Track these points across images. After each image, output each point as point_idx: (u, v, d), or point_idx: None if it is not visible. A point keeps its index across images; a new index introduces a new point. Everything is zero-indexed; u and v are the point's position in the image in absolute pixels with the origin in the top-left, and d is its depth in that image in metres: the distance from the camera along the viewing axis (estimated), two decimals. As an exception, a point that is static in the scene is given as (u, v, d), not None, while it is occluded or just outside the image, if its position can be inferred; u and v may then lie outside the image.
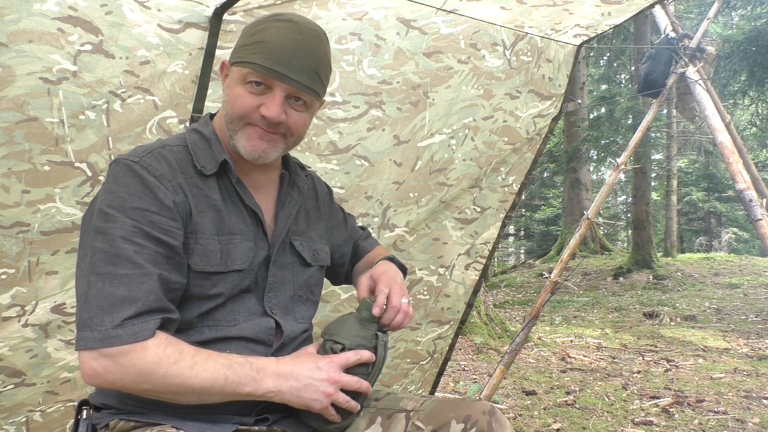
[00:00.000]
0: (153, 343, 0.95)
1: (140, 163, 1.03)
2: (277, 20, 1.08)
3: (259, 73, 1.06)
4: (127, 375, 0.94)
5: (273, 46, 1.05)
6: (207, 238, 1.07)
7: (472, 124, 2.32)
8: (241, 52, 1.09)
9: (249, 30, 1.11)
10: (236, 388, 0.98)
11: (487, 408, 1.08)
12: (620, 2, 2.03)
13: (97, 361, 0.94)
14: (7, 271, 1.58)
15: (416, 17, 1.96)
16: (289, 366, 1.04)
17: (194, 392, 0.97)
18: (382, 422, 1.13)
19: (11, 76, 1.40)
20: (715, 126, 2.73)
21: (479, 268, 2.70)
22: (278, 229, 1.18)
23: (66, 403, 1.84)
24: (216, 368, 0.97)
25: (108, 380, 0.95)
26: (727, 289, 9.31)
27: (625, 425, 3.43)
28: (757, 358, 5.24)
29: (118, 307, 0.94)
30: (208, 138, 1.13)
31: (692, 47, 2.90)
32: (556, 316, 8.21)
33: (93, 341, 0.93)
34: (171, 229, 1.02)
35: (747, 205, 2.51)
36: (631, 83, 14.88)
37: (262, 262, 1.15)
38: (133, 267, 0.96)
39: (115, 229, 0.97)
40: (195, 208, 1.06)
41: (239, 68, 1.08)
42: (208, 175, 1.10)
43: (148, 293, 0.96)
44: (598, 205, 3.19)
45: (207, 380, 0.96)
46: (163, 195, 1.02)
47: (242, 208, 1.13)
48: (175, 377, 0.95)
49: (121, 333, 0.93)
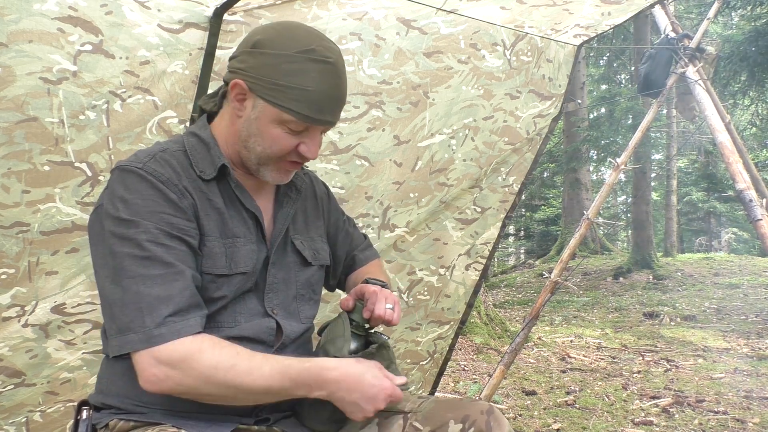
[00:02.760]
0: (207, 346, 0.96)
1: (145, 169, 1.03)
2: (314, 61, 1.03)
3: (303, 122, 1.06)
4: (187, 379, 0.95)
5: (317, 96, 1.04)
6: (213, 240, 1.07)
7: (473, 124, 2.32)
8: (277, 95, 1.03)
9: (281, 66, 1.02)
10: (291, 392, 1.00)
11: (485, 408, 1.08)
12: (620, 2, 2.03)
13: (158, 368, 0.94)
14: (7, 271, 1.58)
15: (416, 17, 1.96)
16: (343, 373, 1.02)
17: (251, 396, 0.99)
18: (379, 422, 1.13)
19: (11, 76, 1.39)
20: (715, 126, 2.73)
21: (479, 268, 2.70)
22: (276, 230, 1.19)
23: (66, 404, 1.84)
24: (272, 374, 0.98)
25: (168, 386, 0.95)
26: (727, 289, 9.31)
27: (625, 425, 3.43)
28: (757, 358, 5.24)
29: (157, 307, 0.95)
30: (207, 142, 1.13)
31: (692, 47, 2.90)
32: (556, 316, 8.21)
33: (138, 343, 0.94)
34: (189, 230, 1.03)
35: (747, 205, 2.51)
36: (631, 83, 14.87)
37: (263, 263, 1.15)
38: (165, 267, 0.97)
39: (139, 234, 0.97)
40: (201, 211, 1.07)
41: (277, 111, 1.04)
42: (207, 179, 1.09)
43: (182, 290, 0.97)
44: (598, 205, 3.19)
45: (264, 386, 0.98)
46: (173, 198, 1.02)
47: (243, 211, 1.14)
48: (234, 381, 0.96)
49: (164, 331, 0.94)
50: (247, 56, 1.06)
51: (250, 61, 1.05)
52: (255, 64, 1.05)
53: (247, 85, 1.05)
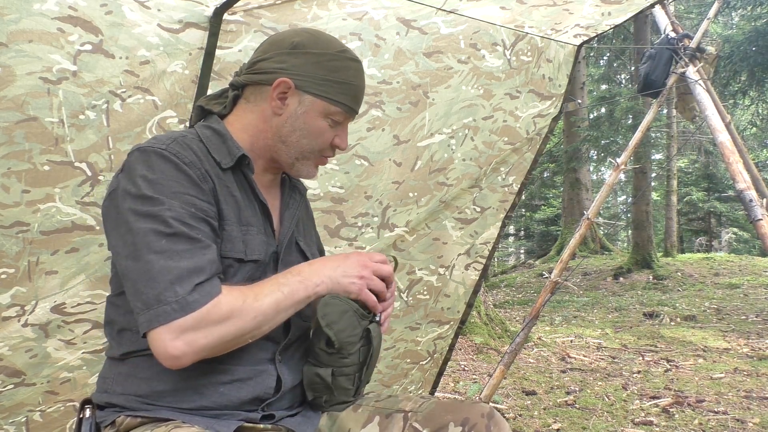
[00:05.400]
0: (222, 296, 0.98)
1: (169, 150, 1.03)
2: (350, 59, 1.16)
3: (347, 114, 1.17)
4: (211, 336, 0.95)
5: (356, 89, 1.16)
6: (231, 224, 1.09)
7: (472, 124, 2.32)
8: (327, 89, 1.13)
9: (328, 63, 1.13)
10: (294, 297, 1.04)
11: (485, 411, 1.08)
12: (620, 2, 2.03)
13: (181, 339, 0.93)
14: (7, 271, 1.58)
15: (416, 17, 1.96)
16: (319, 262, 1.11)
17: (267, 318, 1.01)
18: (380, 422, 1.13)
19: (11, 76, 1.40)
20: (715, 126, 2.73)
21: (479, 268, 2.70)
22: (284, 228, 1.21)
23: (66, 403, 1.84)
24: (272, 290, 1.02)
25: (196, 350, 0.95)
26: (727, 289, 9.31)
27: (625, 425, 3.43)
28: (757, 358, 5.24)
29: (187, 278, 0.95)
30: (222, 134, 1.14)
31: (692, 47, 2.90)
32: (556, 316, 8.21)
33: (174, 312, 0.93)
34: (210, 212, 1.04)
35: (747, 205, 2.50)
36: (631, 83, 14.88)
37: (272, 257, 1.16)
38: (192, 242, 0.98)
39: (164, 211, 0.97)
40: (220, 195, 1.08)
41: (324, 103, 1.13)
42: (224, 168, 1.11)
43: (211, 263, 0.99)
44: (598, 205, 3.19)
45: (272, 303, 1.01)
46: (197, 180, 1.03)
47: (255, 203, 1.15)
48: (250, 312, 0.99)
49: (198, 297, 0.94)
50: (287, 56, 1.12)
51: (293, 60, 1.12)
52: (300, 63, 1.12)
53: (294, 82, 1.11)
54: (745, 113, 12.28)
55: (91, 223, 1.65)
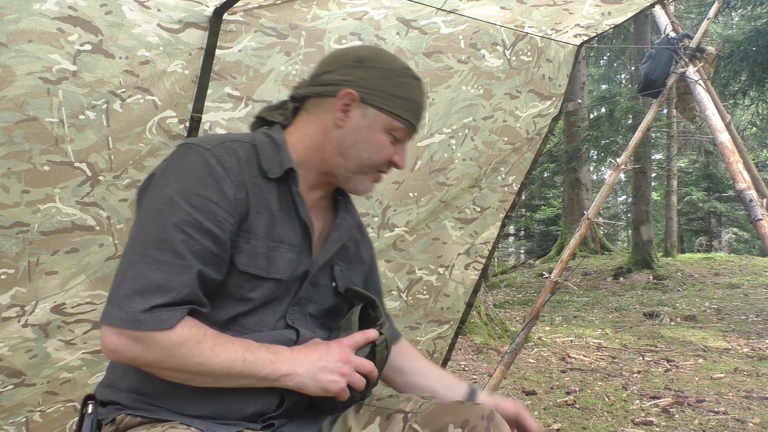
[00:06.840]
0: (179, 326, 0.96)
1: (212, 151, 1.03)
2: (413, 77, 1.17)
3: (408, 131, 1.16)
4: (149, 353, 0.95)
5: (418, 107, 1.17)
6: (258, 239, 1.07)
7: (472, 124, 2.32)
8: (391, 103, 1.13)
9: (394, 79, 1.14)
10: (254, 369, 1.00)
11: (486, 412, 1.07)
12: (620, 2, 2.03)
13: (119, 338, 0.94)
14: (6, 271, 1.58)
15: (416, 17, 1.96)
16: (302, 351, 1.06)
17: (213, 373, 0.98)
18: (380, 422, 1.13)
19: (11, 76, 1.40)
20: (716, 126, 2.72)
21: (479, 267, 2.70)
22: (325, 249, 1.18)
23: (66, 404, 1.84)
24: (235, 350, 0.99)
25: (128, 357, 0.96)
26: (728, 289, 9.31)
27: (625, 425, 3.43)
28: (757, 358, 5.24)
29: (151, 293, 0.94)
30: (279, 144, 1.13)
31: (692, 47, 2.90)
32: (556, 316, 8.21)
33: (118, 320, 0.93)
34: (224, 222, 1.02)
35: (747, 205, 2.50)
36: (631, 83, 14.89)
37: (299, 276, 1.14)
38: (175, 256, 0.97)
39: (170, 214, 0.97)
40: (253, 208, 1.06)
41: (387, 118, 1.13)
42: (270, 178, 1.09)
43: (183, 286, 0.97)
44: (598, 205, 3.19)
45: (226, 361, 0.98)
46: (227, 187, 1.02)
47: (295, 220, 1.13)
48: (196, 357, 0.96)
49: (148, 319, 0.94)
50: (353, 70, 1.13)
51: (359, 74, 1.13)
52: (366, 77, 1.13)
53: (359, 94, 1.12)
54: (745, 113, 12.28)
55: (91, 223, 1.65)
